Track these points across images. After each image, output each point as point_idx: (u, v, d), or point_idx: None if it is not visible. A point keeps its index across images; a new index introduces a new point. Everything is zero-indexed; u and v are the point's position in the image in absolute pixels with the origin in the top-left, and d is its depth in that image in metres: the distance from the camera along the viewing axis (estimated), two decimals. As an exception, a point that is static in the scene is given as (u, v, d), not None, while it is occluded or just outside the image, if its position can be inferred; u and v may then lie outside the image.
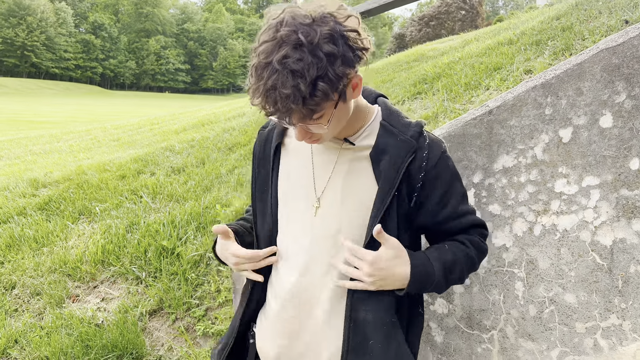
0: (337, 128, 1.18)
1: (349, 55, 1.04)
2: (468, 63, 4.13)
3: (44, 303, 3.30)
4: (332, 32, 1.02)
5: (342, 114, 1.15)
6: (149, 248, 3.41)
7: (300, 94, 0.99)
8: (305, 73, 0.98)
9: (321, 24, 1.02)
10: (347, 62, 1.04)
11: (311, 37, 1.00)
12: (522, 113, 1.76)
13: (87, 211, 4.00)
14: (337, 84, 1.03)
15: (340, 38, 1.03)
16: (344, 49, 1.03)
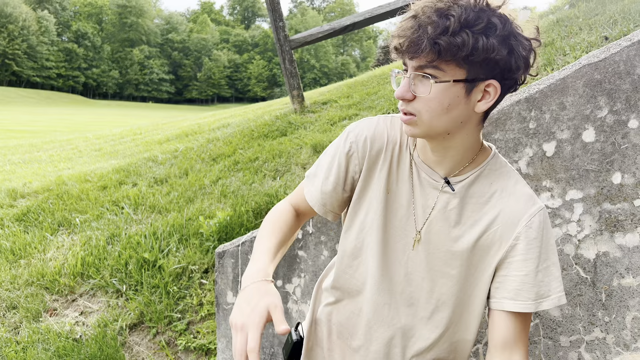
0: (438, 117, 1.01)
1: (507, 46, 0.95)
2: (452, 76, 4.17)
3: (20, 317, 3.21)
4: (506, 17, 0.95)
5: (453, 105, 1.00)
6: (130, 260, 3.35)
7: (443, 24, 0.91)
8: (458, 15, 0.92)
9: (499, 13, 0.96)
10: (501, 48, 0.94)
11: (487, 4, 0.95)
12: (506, 127, 1.77)
13: (67, 222, 3.92)
14: (479, 51, 0.92)
15: (510, 30, 0.95)
16: (509, 37, 0.95)
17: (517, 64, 0.97)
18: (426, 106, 1.00)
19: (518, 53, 0.96)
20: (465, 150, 1.09)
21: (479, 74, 0.97)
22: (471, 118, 1.03)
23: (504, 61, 0.95)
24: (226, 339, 2.51)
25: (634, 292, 1.60)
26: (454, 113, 1.00)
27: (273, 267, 1.15)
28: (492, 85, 0.98)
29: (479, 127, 1.08)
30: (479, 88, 0.99)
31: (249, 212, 3.41)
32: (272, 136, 4.76)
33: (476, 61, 0.94)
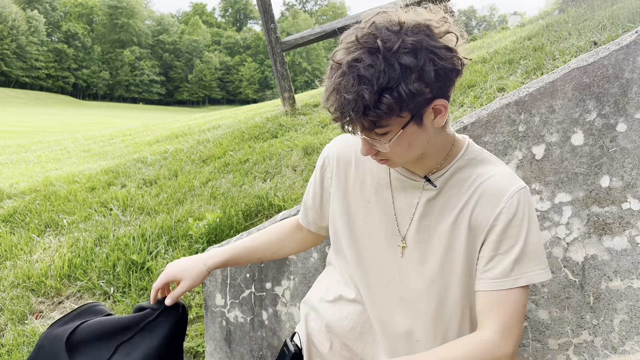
0: (406, 154, 1.06)
1: (430, 74, 0.93)
2: (442, 80, 4.18)
3: (5, 319, 3.16)
4: (417, 44, 0.92)
5: (414, 139, 1.02)
6: (118, 262, 3.32)
7: (362, 102, 0.91)
8: (372, 80, 0.90)
9: (409, 33, 0.93)
10: (426, 81, 0.93)
11: (390, 44, 0.91)
12: (496, 129, 1.78)
13: (54, 224, 3.87)
14: (407, 101, 0.92)
15: (426, 53, 0.93)
16: (426, 65, 0.92)
17: (446, 74, 0.96)
18: (391, 153, 1.04)
19: (443, 65, 0.95)
20: (439, 150, 1.12)
21: (420, 107, 0.97)
22: (436, 133, 1.06)
23: (435, 83, 0.94)
24: (214, 342, 2.49)
25: (622, 295, 1.61)
26: (418, 143, 1.04)
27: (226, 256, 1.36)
28: (438, 103, 0.99)
29: (445, 128, 1.11)
30: (428, 113, 1.00)
31: (238, 214, 3.39)
32: (262, 138, 4.75)
33: (410, 104, 0.94)
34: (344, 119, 0.96)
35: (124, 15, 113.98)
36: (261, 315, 2.33)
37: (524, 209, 1.08)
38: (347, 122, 0.97)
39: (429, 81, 0.93)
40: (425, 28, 0.95)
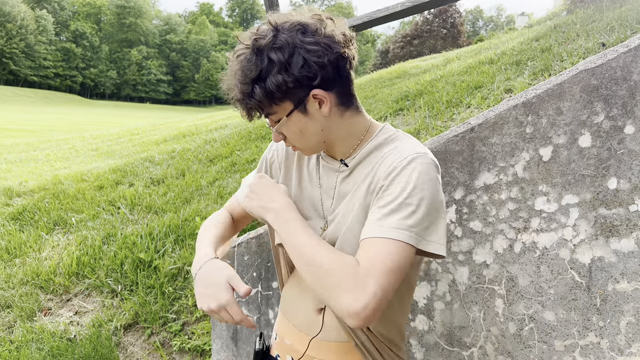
0: (303, 140, 1.17)
1: (297, 66, 1.04)
2: (450, 81, 4.18)
3: (14, 316, 3.19)
4: (287, 41, 1.04)
5: (303, 127, 1.14)
6: (126, 260, 3.34)
7: (239, 91, 1.08)
8: (246, 73, 1.06)
9: (284, 32, 1.05)
10: (291, 72, 1.04)
11: (264, 42, 1.05)
12: (503, 131, 1.78)
13: (63, 222, 3.90)
14: (274, 91, 1.05)
15: (295, 48, 1.04)
16: (294, 58, 1.04)
17: (315, 70, 1.05)
18: (291, 140, 1.17)
19: (312, 59, 1.04)
20: (348, 137, 1.20)
21: (298, 95, 1.09)
22: (328, 121, 1.15)
23: (303, 77, 1.05)
24: (221, 340, 2.51)
25: (629, 297, 1.61)
26: (310, 131, 1.14)
27: (215, 252, 1.30)
28: (316, 94, 1.09)
29: (346, 117, 1.17)
30: (311, 102, 1.10)
31: (245, 213, 3.40)
32: (269, 137, 4.76)
33: (282, 94, 1.07)
34: (236, 106, 1.12)
35: (131, 15, 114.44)
36: (267, 314, 2.34)
37: (414, 171, 1.07)
38: (242, 112, 1.13)
39: (295, 71, 1.04)
40: (300, 27, 1.06)
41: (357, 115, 1.20)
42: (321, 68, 1.05)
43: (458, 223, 1.89)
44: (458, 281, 1.91)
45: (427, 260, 1.96)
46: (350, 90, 1.16)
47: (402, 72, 6.05)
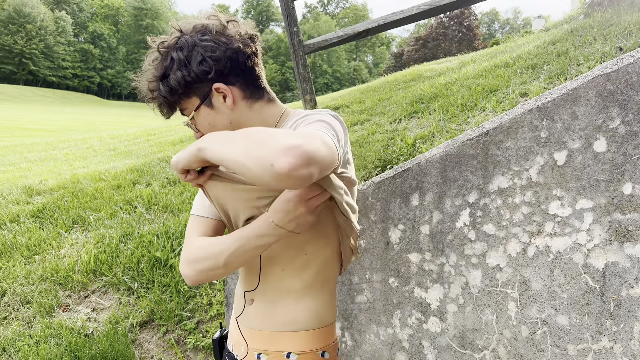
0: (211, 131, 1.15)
1: (194, 63, 1.15)
2: (464, 84, 4.18)
3: (33, 312, 3.26)
4: (187, 41, 1.15)
5: (212, 120, 1.21)
6: (142, 259, 3.40)
7: (147, 89, 1.20)
8: (154, 72, 1.18)
9: (187, 34, 1.17)
10: (191, 68, 1.15)
11: (168, 44, 1.17)
12: (518, 135, 1.79)
13: (81, 220, 3.98)
14: (177, 87, 1.16)
15: (194, 47, 1.15)
16: (192, 57, 1.15)
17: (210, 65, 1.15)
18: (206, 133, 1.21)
19: (206, 55, 1.14)
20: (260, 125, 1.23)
21: (203, 91, 1.18)
22: (236, 113, 1.21)
23: (201, 72, 1.15)
24: (235, 339, 2.54)
25: (643, 302, 1.61)
26: (219, 124, 1.21)
27: None
28: (217, 88, 1.17)
29: (256, 109, 1.23)
30: (214, 95, 1.19)
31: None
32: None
33: (185, 90, 1.17)
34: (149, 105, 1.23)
35: (148, 17, 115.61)
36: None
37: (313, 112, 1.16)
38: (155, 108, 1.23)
39: (194, 68, 1.14)
40: (201, 28, 1.17)
41: (267, 105, 1.26)
42: (216, 62, 1.15)
43: (471, 226, 1.90)
44: (471, 284, 1.92)
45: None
46: (257, 83, 1.24)
47: (416, 75, 6.05)
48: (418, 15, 4.95)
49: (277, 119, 1.26)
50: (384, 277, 2.12)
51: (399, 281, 2.09)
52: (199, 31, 1.17)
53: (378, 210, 2.10)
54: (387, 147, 3.57)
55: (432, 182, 1.96)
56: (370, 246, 2.14)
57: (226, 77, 1.18)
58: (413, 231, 2.02)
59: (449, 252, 1.95)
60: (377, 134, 3.96)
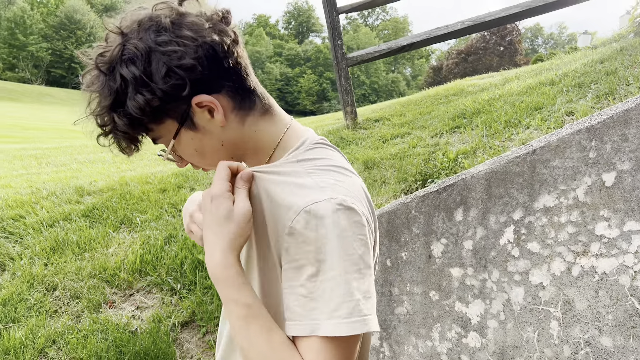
0: (206, 160, 0.93)
1: (158, 75, 0.81)
2: (508, 101, 4.17)
3: (82, 306, 3.42)
4: (136, 48, 0.81)
5: (199, 145, 0.90)
6: (185, 261, 3.51)
7: (98, 125, 0.87)
8: (100, 101, 0.84)
9: (133, 36, 0.82)
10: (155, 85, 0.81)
11: (108, 57, 0.82)
12: (565, 155, 1.80)
13: (128, 221, 4.14)
14: (141, 116, 0.82)
15: (151, 54, 0.81)
16: (154, 68, 0.80)
17: (184, 74, 0.82)
18: (195, 162, 0.95)
19: (172, 65, 0.81)
20: (257, 152, 0.95)
21: (178, 109, 0.86)
22: (226, 132, 0.90)
23: (172, 85, 0.82)
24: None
25: (691, 327, 1.59)
26: (208, 149, 0.91)
27: None
28: (199, 101, 0.85)
29: (249, 125, 0.92)
30: (197, 112, 0.86)
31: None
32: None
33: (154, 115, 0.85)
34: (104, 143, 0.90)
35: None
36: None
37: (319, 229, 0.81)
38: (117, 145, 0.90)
39: (160, 85, 0.81)
40: (151, 23, 0.82)
41: (263, 120, 0.93)
42: (188, 71, 0.81)
43: (515, 243, 1.92)
44: (513, 301, 1.93)
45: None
46: (245, 85, 0.89)
47: (458, 89, 6.04)
48: (462, 30, 4.98)
49: (275, 144, 0.93)
50: (425, 290, 2.15)
51: (439, 295, 2.11)
52: (148, 28, 0.81)
53: (421, 223, 2.13)
54: (428, 161, 3.60)
55: (477, 198, 1.98)
56: (411, 259, 2.18)
57: (207, 84, 0.84)
58: (456, 246, 2.05)
59: (491, 268, 1.97)
60: (418, 147, 3.99)
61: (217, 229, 0.81)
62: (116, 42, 0.82)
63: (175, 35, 0.81)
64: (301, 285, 0.78)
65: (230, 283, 0.80)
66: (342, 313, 0.74)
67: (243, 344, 0.79)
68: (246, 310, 0.79)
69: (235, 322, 0.79)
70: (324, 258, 0.76)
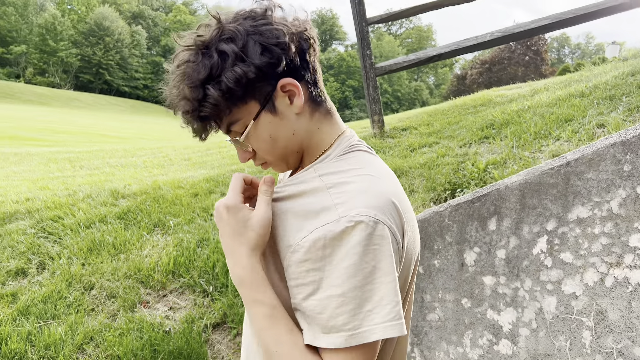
0: (276, 150, 0.97)
1: (255, 52, 0.87)
2: (538, 112, 4.19)
3: (118, 306, 3.54)
4: (236, 29, 0.88)
5: (274, 130, 0.94)
6: (217, 263, 3.61)
7: (190, 102, 0.90)
8: (193, 76, 0.88)
9: (228, 22, 0.90)
10: (251, 60, 0.87)
11: (206, 37, 0.89)
12: (600, 167, 1.84)
13: (162, 224, 4.27)
14: (235, 88, 0.87)
15: (247, 34, 0.88)
16: (249, 45, 0.87)
17: (278, 52, 0.89)
18: (263, 151, 0.97)
19: (270, 45, 0.88)
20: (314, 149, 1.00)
21: (264, 90, 0.91)
22: (299, 121, 0.95)
23: (266, 64, 0.88)
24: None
25: None
26: (282, 135, 0.95)
27: None
28: (285, 84, 0.91)
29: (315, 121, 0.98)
30: (280, 96, 0.92)
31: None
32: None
33: (244, 91, 0.89)
34: (190, 125, 0.94)
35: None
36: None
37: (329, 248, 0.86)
38: (195, 130, 0.94)
39: (255, 59, 0.87)
40: (247, 13, 0.91)
41: (326, 120, 1.00)
42: (284, 50, 0.89)
43: (548, 253, 1.96)
44: (545, 310, 1.97)
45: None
46: (318, 81, 0.97)
47: (486, 99, 6.06)
48: (491, 42, 5.01)
49: (327, 146, 0.99)
50: (457, 297, 2.20)
51: (471, 302, 2.16)
52: (246, 17, 0.90)
53: (454, 232, 2.19)
54: (458, 171, 3.64)
55: (511, 208, 2.03)
56: (444, 266, 2.23)
57: (292, 70, 0.91)
58: (489, 255, 2.10)
59: (524, 277, 2.01)
60: (446, 156, 4.03)
61: (237, 236, 0.88)
62: (214, 26, 0.90)
63: (270, 22, 0.89)
64: (303, 300, 0.83)
65: (256, 285, 0.85)
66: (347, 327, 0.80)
67: (269, 344, 0.83)
68: (272, 310, 0.84)
69: (262, 321, 0.84)
70: (328, 275, 0.80)
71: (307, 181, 0.92)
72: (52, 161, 8.24)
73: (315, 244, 0.81)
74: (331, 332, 0.80)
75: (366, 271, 0.79)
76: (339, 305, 0.79)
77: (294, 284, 0.84)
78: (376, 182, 0.88)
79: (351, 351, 0.79)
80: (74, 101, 64.65)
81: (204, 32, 0.90)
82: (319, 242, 0.81)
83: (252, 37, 0.87)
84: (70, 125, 26.17)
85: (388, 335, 0.79)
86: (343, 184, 0.87)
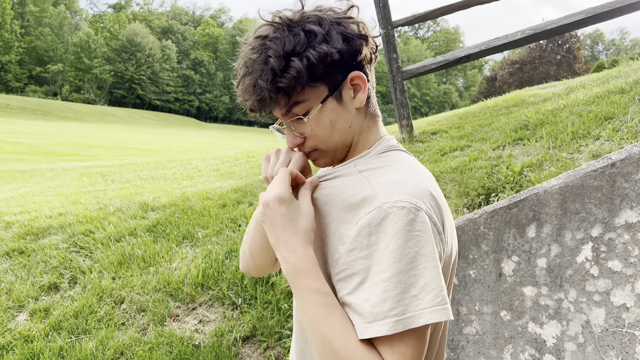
0: (332, 138, 0.99)
1: (338, 38, 0.92)
2: (574, 111, 4.00)
3: (147, 319, 3.52)
4: (320, 15, 0.93)
5: (335, 118, 0.97)
6: (246, 275, 3.56)
7: (269, 69, 0.90)
8: (278, 47, 0.90)
9: (311, 11, 0.95)
10: (334, 44, 0.92)
11: (293, 17, 0.93)
12: (649, 168, 1.70)
13: (190, 236, 4.25)
14: (316, 64, 0.90)
15: (330, 22, 0.93)
16: (332, 30, 0.92)
17: (357, 45, 0.95)
18: (317, 138, 0.99)
19: (350, 36, 0.93)
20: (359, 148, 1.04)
21: (336, 78, 0.95)
22: (358, 116, 1.00)
23: (346, 52, 0.93)
24: None
25: None
26: (340, 124, 0.98)
27: None
28: (355, 76, 0.96)
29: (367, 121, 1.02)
30: (346, 87, 0.97)
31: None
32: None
33: (323, 72, 0.92)
34: (256, 96, 0.93)
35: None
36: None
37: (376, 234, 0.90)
38: (260, 101, 0.93)
39: (337, 44, 0.92)
40: (326, 8, 0.96)
41: (373, 121, 1.05)
42: (361, 45, 0.95)
43: (594, 261, 1.82)
44: (593, 322, 1.82)
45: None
46: (374, 84, 1.03)
47: (519, 100, 5.87)
48: (522, 40, 4.84)
49: (368, 147, 1.03)
50: (495, 309, 2.07)
51: (511, 314, 2.03)
52: (329, 10, 0.96)
53: (490, 240, 2.06)
54: (491, 174, 3.50)
55: (551, 214, 1.90)
56: (480, 277, 2.11)
57: (363, 68, 0.98)
58: (528, 263, 1.97)
59: (567, 288, 1.87)
60: (479, 160, 3.89)
61: (292, 225, 0.90)
62: (298, 10, 0.95)
63: (351, 17, 0.95)
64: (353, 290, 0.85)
65: (311, 273, 0.87)
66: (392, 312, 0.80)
67: (326, 333, 0.83)
68: (328, 298, 0.86)
69: (317, 310, 0.85)
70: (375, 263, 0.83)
71: (348, 175, 0.97)
72: (85, 175, 8.39)
73: (360, 232, 0.85)
74: (376, 320, 0.80)
75: (410, 256, 0.81)
76: (385, 290, 0.80)
77: (344, 275, 0.87)
78: (415, 175, 0.93)
79: (401, 338, 0.80)
80: (109, 116, 66.45)
81: (288, 15, 0.94)
82: (364, 230, 0.84)
83: (335, 27, 0.92)
84: (104, 139, 26.85)
85: (435, 319, 0.79)
86: (382, 175, 0.92)
